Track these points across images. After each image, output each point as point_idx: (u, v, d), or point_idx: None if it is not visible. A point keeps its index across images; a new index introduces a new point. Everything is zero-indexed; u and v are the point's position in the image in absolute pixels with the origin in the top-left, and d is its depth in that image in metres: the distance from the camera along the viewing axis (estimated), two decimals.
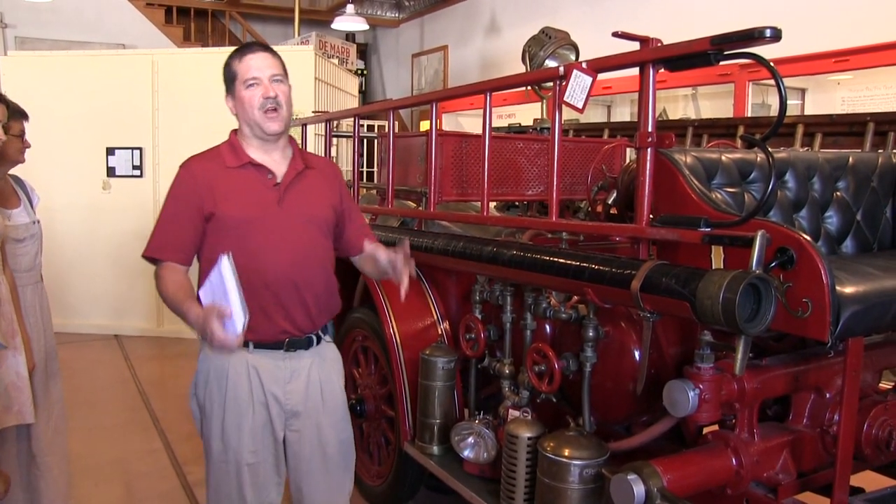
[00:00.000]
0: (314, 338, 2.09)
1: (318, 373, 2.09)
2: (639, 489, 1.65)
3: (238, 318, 1.71)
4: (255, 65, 1.95)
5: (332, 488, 2.17)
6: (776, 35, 1.53)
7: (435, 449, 2.65)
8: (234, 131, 2.07)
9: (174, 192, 2.00)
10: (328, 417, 2.12)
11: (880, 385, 2.31)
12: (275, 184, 2.00)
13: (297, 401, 2.06)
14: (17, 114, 2.60)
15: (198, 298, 1.84)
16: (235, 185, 1.97)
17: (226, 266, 1.74)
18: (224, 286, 1.73)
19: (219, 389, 2.00)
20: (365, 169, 6.86)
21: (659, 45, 1.83)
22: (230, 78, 1.99)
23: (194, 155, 2.05)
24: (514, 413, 2.35)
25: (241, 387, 1.99)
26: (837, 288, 1.62)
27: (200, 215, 1.96)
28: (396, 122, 2.99)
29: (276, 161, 2.04)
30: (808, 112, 5.56)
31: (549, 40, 3.41)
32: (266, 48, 2.02)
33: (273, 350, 2.02)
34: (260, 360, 2.01)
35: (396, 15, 10.89)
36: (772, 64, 1.59)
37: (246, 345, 1.97)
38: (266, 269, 1.96)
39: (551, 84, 2.15)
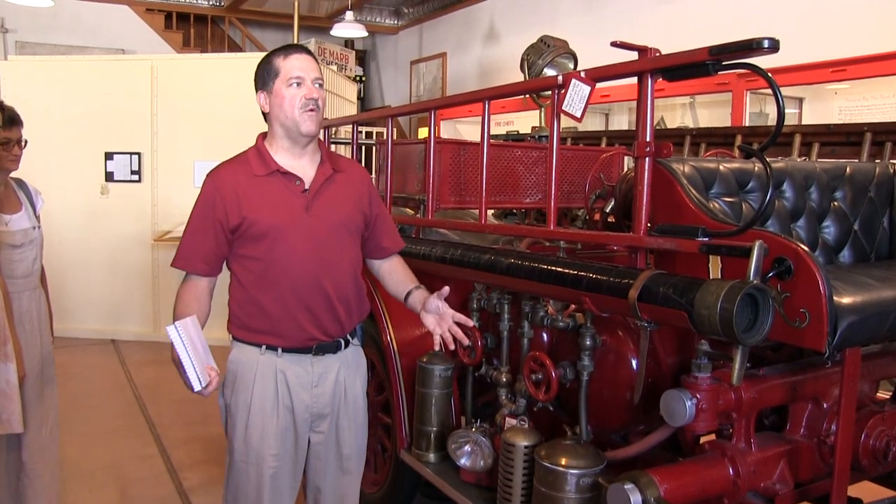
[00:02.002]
0: (342, 342, 2.10)
1: (344, 375, 2.11)
2: (635, 498, 1.65)
3: (193, 382, 1.75)
4: (301, 65, 1.95)
5: (345, 488, 2.19)
6: (774, 46, 1.54)
7: (431, 457, 2.65)
8: (262, 136, 2.06)
9: (199, 204, 2.00)
10: (348, 420, 2.13)
11: (877, 395, 2.31)
12: (303, 190, 2.00)
13: (325, 403, 2.07)
14: (11, 121, 2.57)
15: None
16: (263, 194, 1.97)
17: (172, 334, 1.76)
18: (178, 354, 1.76)
19: (245, 391, 2.01)
20: None
21: (657, 54, 1.84)
22: (270, 74, 1.96)
23: (222, 163, 2.05)
24: (510, 421, 2.35)
25: (267, 390, 2.00)
26: (835, 298, 1.62)
27: (224, 227, 1.96)
28: (395, 130, 2.99)
29: (305, 166, 2.03)
30: (805, 121, 5.58)
31: (547, 49, 3.42)
32: (309, 51, 2.01)
33: (301, 354, 2.02)
34: (288, 364, 2.01)
35: (395, 22, 10.92)
36: (770, 75, 1.59)
37: (275, 349, 2.00)
38: (294, 276, 1.97)
39: (550, 92, 2.16)
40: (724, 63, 1.67)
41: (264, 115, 2.03)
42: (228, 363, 2.05)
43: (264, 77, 1.99)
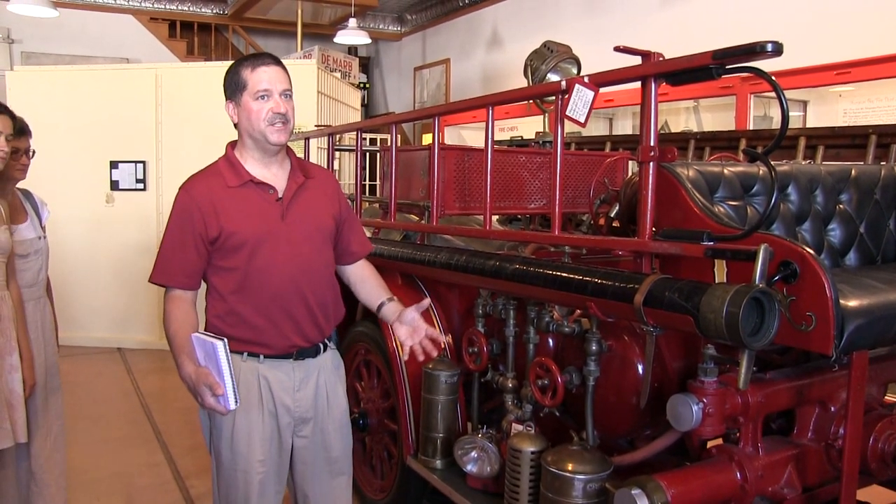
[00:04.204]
0: (321, 346, 2.12)
1: (325, 379, 2.13)
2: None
3: (230, 400, 1.77)
4: (268, 77, 1.94)
5: (336, 492, 2.19)
6: (778, 49, 1.54)
7: (438, 463, 2.64)
8: (231, 144, 2.06)
9: (176, 216, 1.98)
10: (333, 423, 2.15)
11: (885, 398, 2.30)
12: (277, 199, 2.01)
13: (307, 407, 2.08)
14: (21, 131, 2.58)
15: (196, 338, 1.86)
16: (239, 205, 1.97)
17: (221, 351, 1.77)
18: (219, 366, 1.77)
19: None
20: (367, 182, 6.88)
21: (661, 59, 1.84)
22: (238, 86, 1.96)
23: (193, 175, 2.04)
24: (517, 427, 2.34)
25: (251, 397, 2.00)
26: (841, 301, 1.61)
27: (204, 239, 1.95)
28: (399, 136, 3.00)
29: (276, 175, 2.04)
30: (809, 124, 5.56)
31: (550, 54, 3.43)
32: (277, 61, 1.99)
33: (283, 360, 2.04)
34: (270, 370, 2.02)
35: (399, 28, 10.95)
36: (774, 79, 1.59)
37: (256, 356, 2.01)
38: (275, 285, 1.98)
39: (553, 98, 2.16)
40: (727, 67, 1.67)
41: (234, 124, 2.03)
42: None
43: (233, 88, 1.98)
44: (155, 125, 6.21)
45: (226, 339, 1.79)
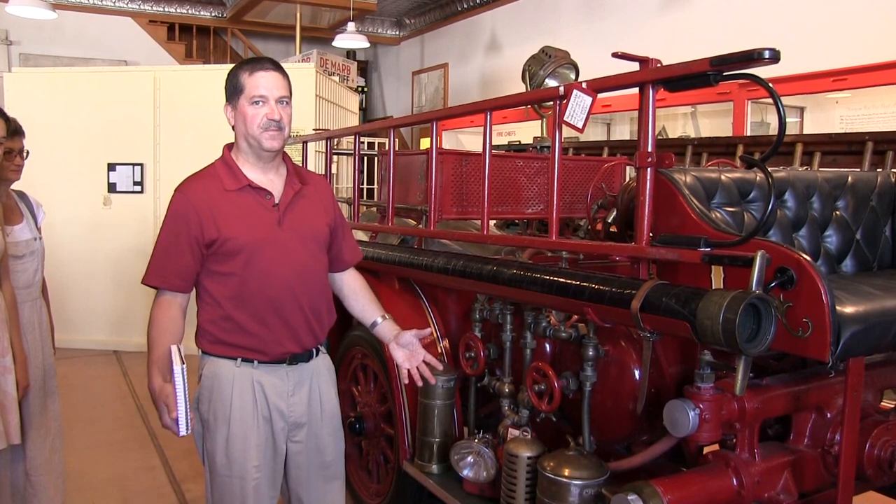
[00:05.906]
0: (314, 351, 2.13)
1: (318, 383, 2.13)
2: None
3: (180, 426, 1.82)
4: (265, 83, 1.94)
5: (329, 496, 2.19)
6: (775, 56, 1.54)
7: (434, 468, 2.64)
8: (228, 146, 2.06)
9: (171, 218, 1.98)
10: (326, 426, 2.15)
11: (882, 404, 2.30)
12: (273, 204, 2.01)
13: (301, 412, 2.08)
14: (14, 131, 2.59)
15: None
16: (236, 210, 1.96)
17: (178, 376, 1.82)
18: (175, 389, 1.82)
19: (223, 404, 2.00)
20: (365, 186, 6.88)
21: (658, 65, 1.84)
22: (236, 89, 1.96)
23: (189, 177, 2.03)
24: (513, 432, 2.34)
25: (246, 402, 2.00)
26: (838, 308, 1.62)
27: (199, 243, 1.95)
28: (397, 140, 3.00)
29: (272, 180, 2.04)
30: (806, 130, 5.58)
31: (548, 59, 3.43)
32: (277, 66, 1.99)
33: (277, 365, 2.04)
34: (264, 375, 2.02)
35: (397, 33, 10.96)
36: (771, 85, 1.60)
37: (251, 361, 2.00)
38: (272, 291, 1.97)
39: (551, 103, 2.16)
40: (725, 73, 1.67)
41: (232, 126, 2.03)
42: (203, 378, 2.04)
43: (231, 90, 1.98)
44: (153, 128, 6.21)
45: (184, 365, 1.82)
